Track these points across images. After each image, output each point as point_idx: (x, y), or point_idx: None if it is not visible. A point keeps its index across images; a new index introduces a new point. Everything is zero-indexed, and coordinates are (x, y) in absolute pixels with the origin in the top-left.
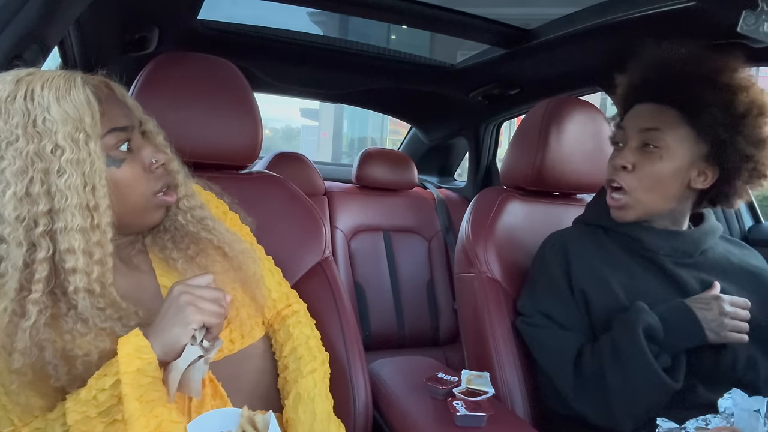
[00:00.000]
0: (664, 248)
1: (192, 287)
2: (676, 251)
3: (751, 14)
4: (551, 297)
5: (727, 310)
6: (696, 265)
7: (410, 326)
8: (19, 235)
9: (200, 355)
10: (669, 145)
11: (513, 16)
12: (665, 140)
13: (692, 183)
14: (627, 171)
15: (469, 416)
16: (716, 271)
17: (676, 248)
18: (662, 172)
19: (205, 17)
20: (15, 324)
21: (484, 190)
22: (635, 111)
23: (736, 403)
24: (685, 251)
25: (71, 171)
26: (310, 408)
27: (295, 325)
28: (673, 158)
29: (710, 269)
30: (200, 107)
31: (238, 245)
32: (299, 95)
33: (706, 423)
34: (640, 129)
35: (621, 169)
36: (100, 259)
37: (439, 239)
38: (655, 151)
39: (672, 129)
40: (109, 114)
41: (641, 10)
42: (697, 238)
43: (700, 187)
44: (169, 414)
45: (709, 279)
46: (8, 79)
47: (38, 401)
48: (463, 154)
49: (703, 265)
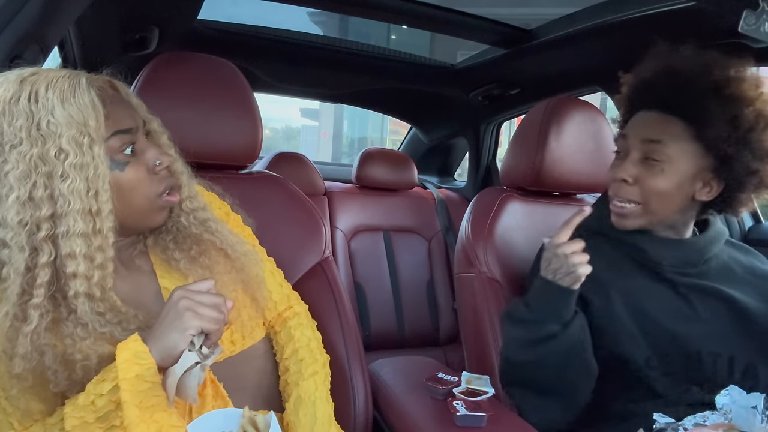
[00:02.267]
0: (667, 258)
1: (192, 292)
2: (679, 261)
3: (751, 14)
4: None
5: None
6: (699, 275)
7: (410, 326)
8: (21, 240)
9: (197, 362)
10: (672, 158)
11: (513, 16)
12: (668, 154)
13: (696, 195)
14: (628, 184)
15: (469, 416)
16: (721, 278)
17: (679, 258)
18: (664, 186)
19: (205, 17)
20: (16, 328)
21: (484, 191)
22: (639, 119)
23: (733, 399)
24: (688, 261)
25: (75, 175)
26: (311, 411)
27: (296, 327)
28: (676, 172)
29: (714, 277)
30: (200, 107)
31: (240, 247)
32: (299, 95)
33: (704, 419)
34: (643, 140)
35: (621, 182)
36: (101, 263)
37: (439, 239)
38: (656, 165)
39: (676, 142)
40: (113, 116)
41: (641, 10)
42: (701, 247)
43: (705, 199)
44: (169, 418)
45: (712, 287)
46: (12, 78)
47: (38, 406)
48: (463, 154)
49: (707, 274)
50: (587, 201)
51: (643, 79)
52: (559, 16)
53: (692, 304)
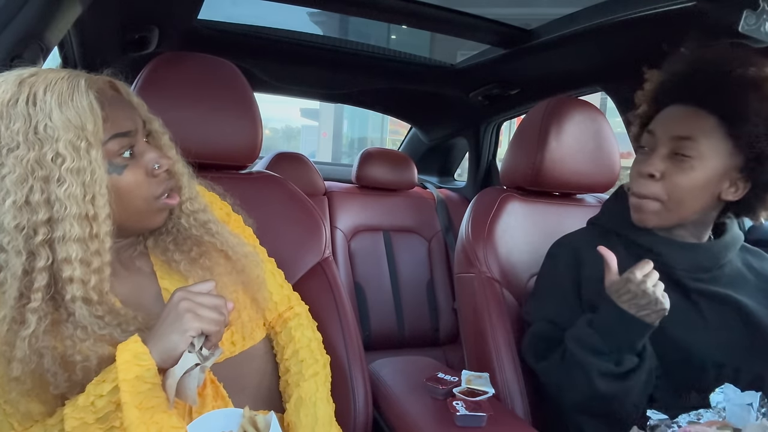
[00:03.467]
0: (682, 264)
1: (192, 294)
2: (693, 266)
3: (752, 14)
4: (557, 302)
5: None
6: (712, 280)
7: (410, 326)
8: (18, 244)
9: (197, 363)
10: (702, 155)
11: (513, 16)
12: (699, 150)
13: (723, 195)
14: (654, 179)
15: (469, 416)
16: (734, 285)
17: (694, 263)
18: (692, 183)
19: (205, 17)
20: (14, 332)
21: (484, 191)
22: (668, 114)
23: (728, 397)
24: (702, 266)
25: (71, 180)
26: (312, 412)
27: (296, 327)
28: (705, 169)
29: (727, 283)
30: (200, 107)
31: (241, 248)
32: (299, 95)
33: (698, 417)
34: (672, 136)
35: (647, 177)
36: (98, 267)
37: (439, 239)
38: (686, 161)
39: (708, 138)
40: (112, 119)
41: (641, 10)
42: (716, 252)
43: (731, 199)
44: (169, 419)
45: (725, 293)
46: (10, 80)
47: (38, 407)
48: (463, 154)
49: (720, 279)
50: (587, 201)
51: (675, 74)
52: (559, 16)
53: (702, 311)
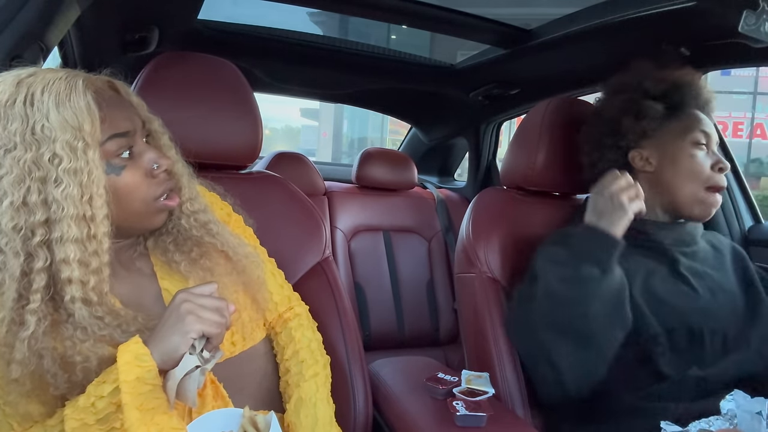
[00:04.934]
0: (668, 238)
1: (194, 296)
2: (677, 241)
3: (751, 14)
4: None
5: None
6: (693, 256)
7: (410, 326)
8: (16, 245)
9: (197, 365)
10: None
11: (513, 16)
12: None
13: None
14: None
15: (469, 416)
16: (708, 262)
17: (677, 239)
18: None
19: (206, 17)
20: (13, 334)
21: (484, 190)
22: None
23: (738, 404)
24: (684, 241)
25: (68, 181)
26: (312, 412)
27: (297, 328)
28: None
29: (703, 260)
30: (200, 107)
31: (241, 249)
32: (299, 95)
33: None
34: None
35: (719, 171)
36: (97, 268)
37: (439, 239)
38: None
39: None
40: (110, 119)
41: (641, 10)
42: (692, 230)
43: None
44: (169, 421)
45: (703, 269)
46: (9, 80)
47: (38, 408)
48: (463, 154)
49: (697, 255)
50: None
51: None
52: (559, 16)
53: (691, 284)
